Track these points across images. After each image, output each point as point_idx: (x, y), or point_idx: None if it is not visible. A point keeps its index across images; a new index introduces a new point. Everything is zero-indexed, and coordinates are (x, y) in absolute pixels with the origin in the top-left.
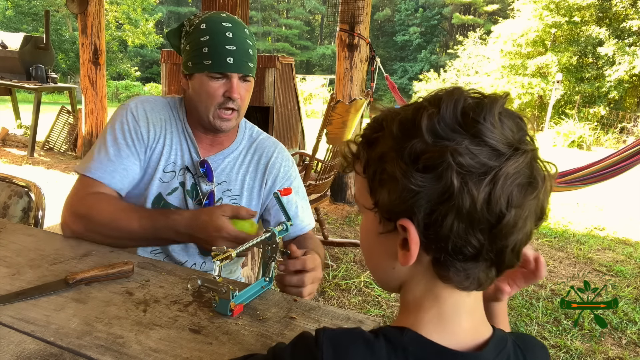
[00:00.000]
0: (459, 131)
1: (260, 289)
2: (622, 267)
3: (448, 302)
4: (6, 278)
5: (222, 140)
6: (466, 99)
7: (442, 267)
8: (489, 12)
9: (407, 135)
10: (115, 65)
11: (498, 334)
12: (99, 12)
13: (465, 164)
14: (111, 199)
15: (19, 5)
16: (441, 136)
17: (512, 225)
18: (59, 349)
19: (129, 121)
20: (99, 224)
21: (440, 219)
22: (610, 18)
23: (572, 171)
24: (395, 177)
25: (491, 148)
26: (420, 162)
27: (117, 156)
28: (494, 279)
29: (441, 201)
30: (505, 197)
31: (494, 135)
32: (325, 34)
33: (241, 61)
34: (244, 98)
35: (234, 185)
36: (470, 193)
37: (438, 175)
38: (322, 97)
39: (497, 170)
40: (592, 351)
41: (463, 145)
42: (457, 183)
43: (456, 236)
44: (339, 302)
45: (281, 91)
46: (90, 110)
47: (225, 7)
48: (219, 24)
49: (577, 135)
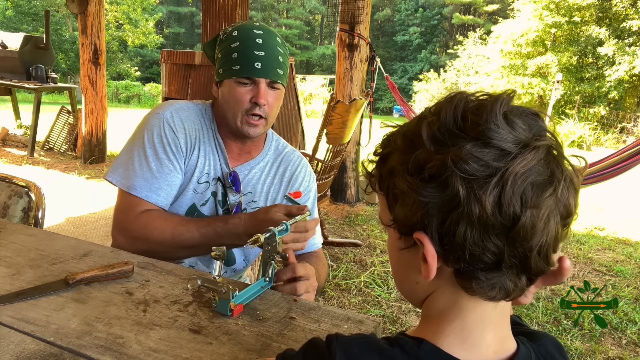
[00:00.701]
0: (460, 136)
1: (260, 289)
2: (622, 267)
3: (472, 315)
4: (6, 278)
5: (250, 150)
6: (467, 102)
7: (465, 279)
8: (489, 12)
9: (411, 146)
10: (115, 65)
11: (522, 350)
12: (99, 12)
13: (469, 169)
14: (164, 216)
15: (19, 5)
16: (442, 143)
17: (531, 227)
18: (59, 349)
19: (167, 134)
20: (160, 243)
21: (452, 228)
22: (610, 18)
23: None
24: (404, 190)
25: (496, 148)
26: (425, 171)
27: (160, 172)
28: (524, 288)
29: (450, 209)
30: (518, 198)
31: (499, 135)
32: (325, 34)
33: (269, 67)
34: (272, 105)
35: (258, 196)
36: (478, 198)
37: (443, 183)
38: (322, 97)
39: (503, 171)
40: (592, 351)
41: (465, 149)
42: (462, 189)
43: (472, 244)
44: (339, 302)
45: None
46: (90, 110)
47: (225, 7)
48: (250, 31)
49: (577, 135)
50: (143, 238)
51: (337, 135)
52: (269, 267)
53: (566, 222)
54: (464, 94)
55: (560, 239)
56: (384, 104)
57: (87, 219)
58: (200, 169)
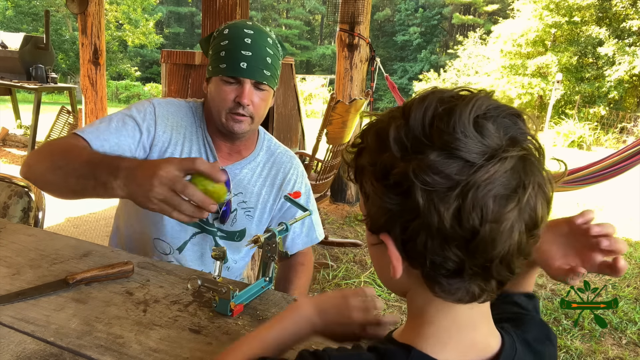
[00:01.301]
0: (426, 144)
1: (260, 289)
2: None
3: (449, 316)
4: (6, 278)
5: (240, 149)
6: (437, 106)
7: (430, 282)
8: (489, 12)
9: (381, 147)
10: (115, 65)
11: (507, 343)
12: (99, 12)
13: (430, 180)
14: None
15: (19, 5)
16: (408, 150)
17: (491, 241)
18: (59, 349)
19: (146, 110)
20: (52, 153)
21: (413, 236)
22: (610, 18)
23: (572, 171)
24: (371, 193)
25: (461, 159)
26: (390, 178)
27: (118, 129)
28: (494, 291)
29: (411, 219)
30: (478, 212)
31: (465, 146)
32: (325, 34)
33: (255, 67)
34: (258, 106)
35: (249, 197)
36: (437, 210)
37: (405, 192)
38: (322, 97)
39: (464, 184)
40: (592, 351)
41: (429, 159)
42: (422, 200)
43: (432, 253)
44: None
45: (281, 91)
46: (90, 110)
47: (225, 7)
48: (241, 30)
49: (577, 135)
50: (45, 149)
51: (337, 135)
52: (269, 267)
53: (532, 232)
54: (437, 93)
55: (525, 248)
56: (384, 104)
57: (87, 219)
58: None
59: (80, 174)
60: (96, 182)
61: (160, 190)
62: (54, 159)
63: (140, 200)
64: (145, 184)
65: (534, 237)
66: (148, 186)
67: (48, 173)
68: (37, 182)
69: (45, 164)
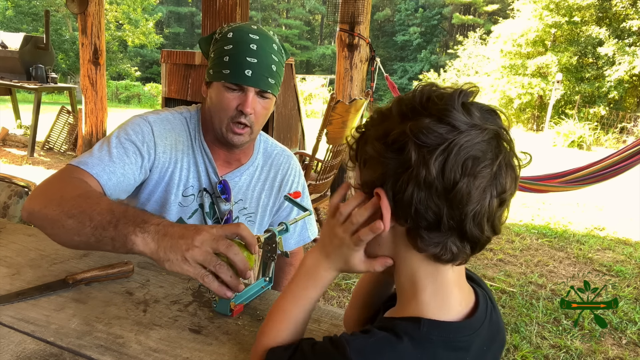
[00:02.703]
0: (422, 112)
1: (260, 289)
2: (622, 267)
3: (438, 279)
4: (6, 278)
5: (238, 157)
6: (436, 90)
7: (413, 237)
8: (489, 12)
9: (383, 119)
10: (115, 65)
11: (480, 295)
12: (99, 12)
13: (422, 138)
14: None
15: (19, 5)
16: (407, 117)
17: (467, 193)
18: (59, 349)
19: (144, 131)
20: (63, 199)
21: (403, 187)
22: (610, 18)
23: (572, 171)
24: (371, 154)
25: (449, 125)
26: (389, 137)
27: (120, 159)
28: (469, 255)
29: (403, 171)
30: (459, 167)
31: (453, 116)
32: (325, 34)
33: (260, 75)
34: (260, 115)
35: (249, 203)
36: (426, 163)
37: (400, 148)
38: (322, 97)
39: (450, 142)
40: (592, 351)
41: (424, 122)
42: (414, 154)
43: (417, 202)
44: (339, 302)
45: (281, 91)
46: (90, 110)
47: (225, 7)
48: (246, 35)
49: (577, 135)
50: (54, 194)
51: (337, 135)
52: (269, 267)
53: (502, 199)
54: (434, 84)
55: (494, 214)
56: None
57: None
58: (184, 181)
59: (98, 223)
60: (116, 234)
61: (201, 250)
62: (65, 207)
63: (170, 257)
64: (183, 243)
65: (502, 207)
66: (186, 245)
67: (58, 222)
68: (44, 230)
69: (54, 211)
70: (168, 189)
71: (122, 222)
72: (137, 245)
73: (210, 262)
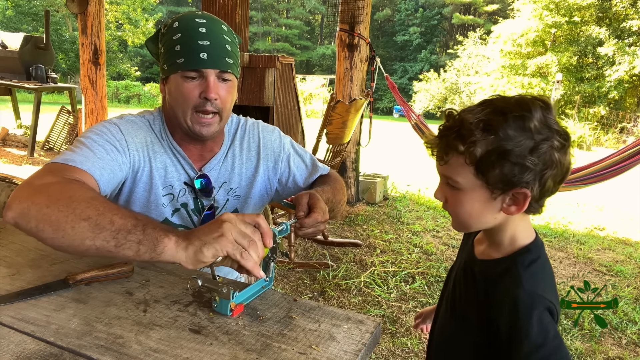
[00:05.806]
0: (552, 129)
1: (261, 289)
2: (622, 267)
3: (526, 220)
4: (6, 278)
5: (211, 147)
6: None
7: (529, 209)
8: (489, 12)
9: (521, 133)
10: (115, 65)
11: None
12: (99, 12)
13: (558, 144)
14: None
15: (19, 5)
16: (541, 134)
17: (566, 171)
18: (59, 349)
19: (112, 132)
20: (73, 199)
21: (545, 180)
22: (610, 18)
23: (572, 171)
24: (514, 161)
25: (561, 137)
26: (534, 151)
27: (104, 157)
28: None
29: (546, 169)
30: (568, 159)
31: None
32: (325, 34)
33: (217, 56)
34: (225, 99)
35: (233, 182)
36: (561, 161)
37: (543, 154)
38: (322, 97)
39: (567, 145)
40: (592, 351)
41: (555, 138)
42: (557, 155)
43: (548, 190)
44: (339, 302)
45: (281, 91)
46: (90, 110)
47: (225, 7)
48: (192, 20)
49: (577, 135)
50: (59, 194)
51: (337, 135)
52: (269, 267)
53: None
54: (535, 101)
55: (555, 186)
56: (384, 104)
57: None
58: (162, 180)
59: (121, 226)
60: (144, 237)
61: (235, 228)
62: (78, 208)
63: (205, 240)
64: (215, 227)
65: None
66: (218, 226)
67: (65, 224)
68: (42, 232)
69: (62, 212)
70: (148, 188)
71: (150, 226)
72: (168, 248)
73: (245, 237)
